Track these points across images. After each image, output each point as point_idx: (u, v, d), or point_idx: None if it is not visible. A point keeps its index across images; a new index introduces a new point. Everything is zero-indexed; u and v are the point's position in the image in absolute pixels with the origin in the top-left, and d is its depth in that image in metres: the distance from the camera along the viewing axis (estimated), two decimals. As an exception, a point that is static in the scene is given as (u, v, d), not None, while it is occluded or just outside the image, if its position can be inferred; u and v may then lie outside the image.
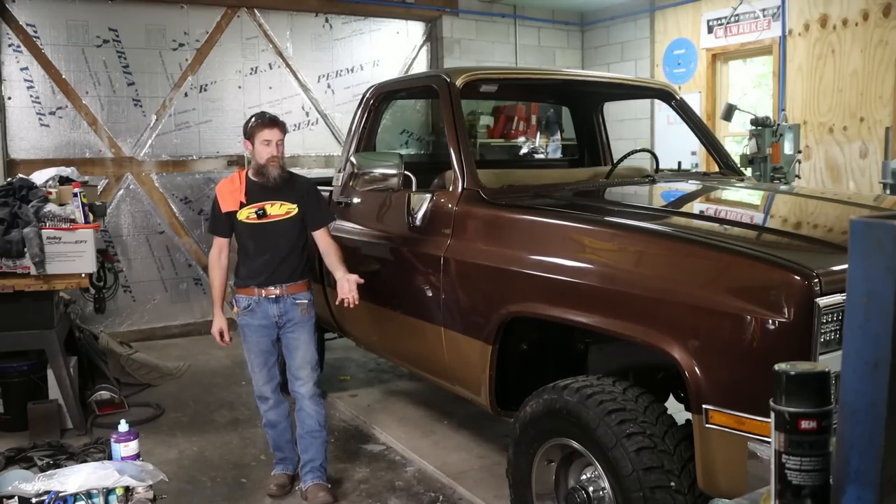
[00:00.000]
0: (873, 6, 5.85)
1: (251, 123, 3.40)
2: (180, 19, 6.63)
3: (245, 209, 3.38)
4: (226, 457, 4.02)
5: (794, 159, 5.88)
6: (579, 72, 6.48)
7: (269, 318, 3.43)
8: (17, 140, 6.09)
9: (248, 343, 3.49)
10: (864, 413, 1.04)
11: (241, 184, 3.41)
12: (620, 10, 8.03)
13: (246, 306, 3.44)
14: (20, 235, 4.08)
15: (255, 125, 3.38)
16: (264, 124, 3.36)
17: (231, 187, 3.42)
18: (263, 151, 3.34)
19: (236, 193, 3.40)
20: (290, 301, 3.44)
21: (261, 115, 3.44)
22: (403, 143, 7.69)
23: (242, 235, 3.42)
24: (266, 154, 3.34)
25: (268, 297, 3.41)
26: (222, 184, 3.49)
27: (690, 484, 2.29)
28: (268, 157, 3.34)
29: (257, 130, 3.35)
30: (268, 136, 3.34)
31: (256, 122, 3.39)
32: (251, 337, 3.47)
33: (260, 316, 3.43)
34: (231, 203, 3.40)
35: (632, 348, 2.60)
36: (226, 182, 3.48)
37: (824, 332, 1.99)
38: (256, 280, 3.41)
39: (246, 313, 3.44)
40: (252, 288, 3.41)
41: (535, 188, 3.42)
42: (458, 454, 3.95)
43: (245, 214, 3.38)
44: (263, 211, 3.38)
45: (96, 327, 5.85)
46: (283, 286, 3.42)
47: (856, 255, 1.04)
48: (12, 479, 2.41)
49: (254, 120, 3.41)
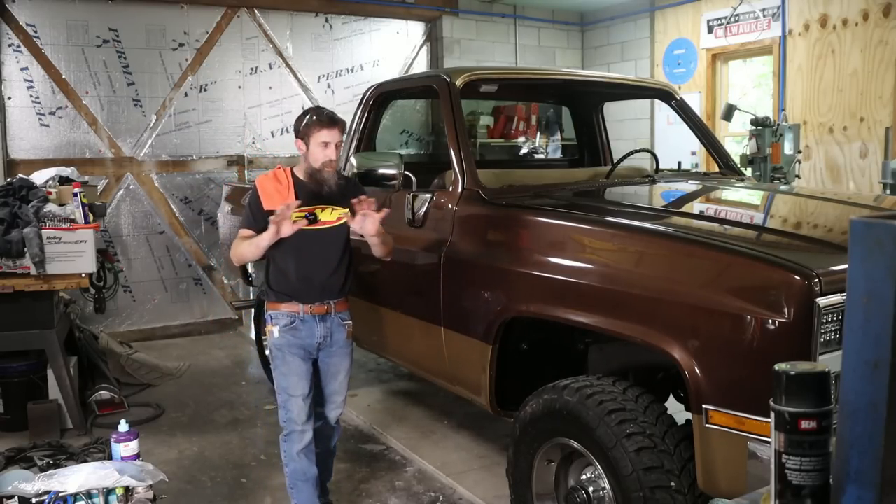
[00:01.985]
0: (873, 6, 5.85)
1: (307, 121, 2.93)
2: (180, 19, 6.63)
3: (294, 213, 2.85)
4: (226, 457, 4.02)
5: (794, 159, 5.88)
6: (579, 72, 6.48)
7: (313, 338, 2.99)
8: (17, 140, 6.09)
9: (287, 366, 2.98)
10: (864, 413, 1.04)
11: (288, 182, 2.97)
12: (620, 10, 8.02)
13: (288, 323, 2.96)
14: (20, 235, 4.08)
15: (311, 123, 2.91)
16: (323, 123, 2.90)
17: (277, 185, 2.97)
18: (320, 154, 2.90)
19: (284, 193, 2.94)
20: (336, 320, 3.04)
21: (318, 112, 2.96)
22: (403, 143, 7.69)
23: (286, 243, 2.89)
24: (322, 157, 2.90)
25: (314, 314, 2.98)
26: (264, 179, 3.01)
27: (690, 484, 2.29)
28: (324, 160, 2.91)
29: (314, 129, 2.90)
30: (326, 136, 2.89)
31: (313, 119, 2.92)
32: (292, 359, 2.97)
33: (305, 335, 2.97)
34: (277, 202, 2.89)
35: (632, 348, 2.60)
36: (268, 178, 3.01)
37: (824, 332, 2.00)
38: (302, 295, 2.97)
39: (287, 331, 2.97)
40: (295, 304, 2.97)
41: (535, 188, 3.42)
42: (458, 454, 3.95)
43: (293, 218, 2.84)
44: (315, 216, 2.93)
45: (96, 327, 5.85)
46: (331, 303, 3.01)
47: (856, 255, 1.04)
48: (12, 479, 2.41)
49: (310, 117, 2.93)
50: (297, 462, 2.99)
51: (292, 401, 2.97)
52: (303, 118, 2.97)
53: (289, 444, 3.00)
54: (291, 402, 2.97)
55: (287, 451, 3.02)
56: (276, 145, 7.10)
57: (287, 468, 3.04)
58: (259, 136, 7.03)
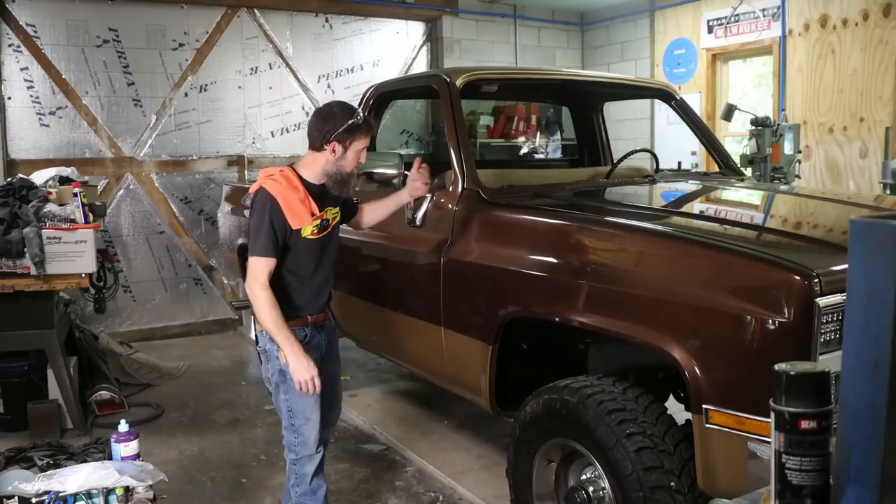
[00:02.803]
0: (873, 6, 5.85)
1: (351, 125, 2.66)
2: (180, 19, 6.63)
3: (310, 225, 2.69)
4: (226, 457, 4.02)
5: (794, 159, 5.88)
6: (579, 72, 6.48)
7: (321, 349, 2.85)
8: (17, 140, 6.09)
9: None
10: (864, 413, 1.04)
11: (304, 188, 2.69)
12: (620, 10, 8.03)
13: (302, 340, 2.72)
14: (20, 235, 4.08)
15: (356, 127, 2.68)
16: (369, 129, 2.74)
17: (297, 195, 2.64)
18: (354, 160, 2.73)
19: (306, 203, 2.66)
20: (330, 325, 2.95)
21: (354, 113, 2.70)
22: (403, 143, 7.69)
23: (302, 255, 2.71)
24: (355, 164, 2.74)
25: (317, 324, 2.83)
26: (281, 189, 2.63)
27: (690, 484, 2.29)
28: (355, 166, 2.76)
29: (360, 135, 2.70)
30: (365, 143, 2.74)
31: (358, 124, 2.68)
32: None
33: (315, 349, 2.79)
34: (302, 217, 2.64)
35: (632, 348, 2.60)
36: (284, 188, 2.64)
37: (824, 332, 2.00)
38: (310, 307, 2.80)
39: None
40: (305, 317, 2.78)
41: (535, 188, 3.42)
42: (458, 454, 3.95)
43: (309, 230, 2.68)
44: (327, 222, 2.77)
45: (96, 327, 5.85)
46: (327, 309, 2.91)
47: (856, 255, 1.04)
48: (12, 479, 2.41)
49: (354, 122, 2.67)
50: (309, 484, 2.81)
51: (310, 424, 2.75)
52: (341, 119, 2.67)
53: (300, 467, 2.80)
54: (308, 426, 2.75)
55: (299, 472, 2.80)
56: (276, 145, 7.11)
57: (297, 488, 2.82)
58: (259, 136, 7.03)
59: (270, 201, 2.62)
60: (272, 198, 2.62)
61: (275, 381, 2.79)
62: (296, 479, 2.82)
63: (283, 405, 2.79)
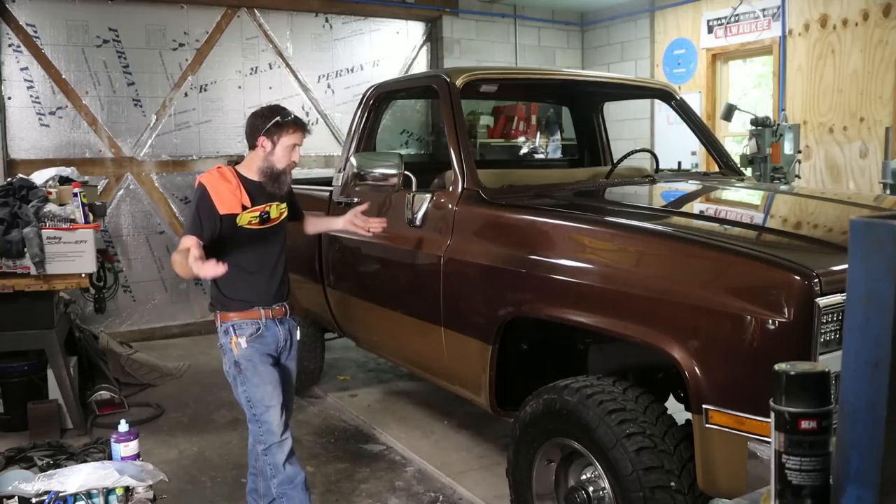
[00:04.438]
0: (873, 6, 5.85)
1: (278, 120, 2.83)
2: (180, 19, 6.63)
3: (247, 213, 2.83)
4: (226, 457, 4.02)
5: (794, 159, 5.88)
6: (579, 72, 6.48)
7: (277, 343, 2.93)
8: (17, 140, 6.10)
9: (259, 377, 2.85)
10: (864, 413, 1.04)
11: (237, 181, 2.86)
12: (620, 10, 8.03)
13: (254, 332, 2.86)
14: (20, 235, 4.08)
15: (283, 123, 2.83)
16: (296, 126, 2.87)
17: (227, 185, 2.84)
18: (286, 156, 2.87)
19: (236, 193, 2.83)
20: (291, 322, 3.02)
21: (286, 113, 2.88)
22: (403, 143, 7.69)
23: (241, 245, 2.85)
24: (287, 160, 2.87)
25: (274, 317, 2.92)
26: (212, 179, 2.84)
27: (690, 484, 2.29)
28: (288, 163, 2.89)
29: (286, 131, 2.84)
30: (296, 139, 2.87)
31: (286, 120, 2.84)
32: (264, 368, 2.87)
33: (270, 341, 2.90)
34: (231, 204, 2.81)
35: (632, 348, 2.60)
36: (215, 178, 2.85)
37: (824, 332, 2.00)
38: (261, 299, 2.90)
39: (255, 340, 2.86)
40: (257, 310, 2.88)
41: (535, 188, 3.42)
42: (458, 454, 3.95)
43: (247, 220, 2.84)
44: (268, 215, 2.90)
45: (96, 327, 5.85)
46: (284, 304, 2.98)
47: (856, 255, 1.04)
48: (12, 479, 2.41)
49: (282, 118, 2.84)
50: (285, 472, 2.86)
51: (271, 411, 2.85)
52: (269, 117, 2.85)
53: (272, 457, 2.86)
54: (270, 414, 2.85)
55: (272, 463, 2.86)
56: (276, 145, 7.09)
57: (274, 479, 2.86)
58: (259, 136, 7.02)
59: (201, 189, 2.84)
60: (202, 186, 2.85)
61: (232, 375, 2.92)
62: (271, 471, 2.88)
63: (242, 397, 2.92)
